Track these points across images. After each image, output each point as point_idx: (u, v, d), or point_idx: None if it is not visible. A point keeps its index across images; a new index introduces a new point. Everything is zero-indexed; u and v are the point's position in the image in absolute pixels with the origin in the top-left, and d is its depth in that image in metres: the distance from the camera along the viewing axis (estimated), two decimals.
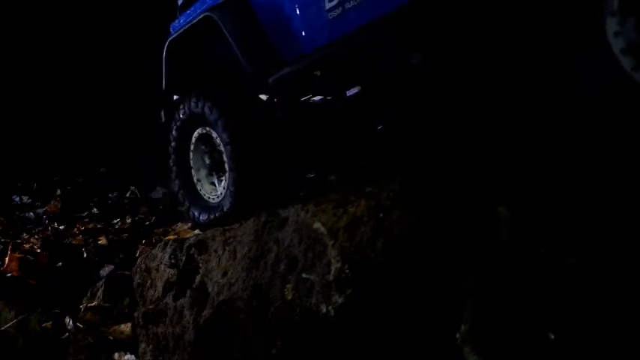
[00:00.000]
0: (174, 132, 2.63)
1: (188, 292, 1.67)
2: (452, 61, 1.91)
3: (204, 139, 2.51)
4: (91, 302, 2.24)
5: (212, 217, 2.44)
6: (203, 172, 2.57)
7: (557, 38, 1.53)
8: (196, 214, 2.57)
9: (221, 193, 2.46)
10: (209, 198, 2.55)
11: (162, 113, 2.84)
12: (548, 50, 1.58)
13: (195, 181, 2.59)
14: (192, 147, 2.58)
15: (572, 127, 1.55)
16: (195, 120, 2.50)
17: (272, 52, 2.30)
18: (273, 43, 2.31)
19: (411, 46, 1.92)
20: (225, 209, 2.36)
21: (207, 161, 2.56)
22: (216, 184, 2.53)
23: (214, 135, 2.41)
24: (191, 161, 2.59)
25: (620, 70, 1.39)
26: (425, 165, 1.69)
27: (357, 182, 1.55)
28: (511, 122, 1.80)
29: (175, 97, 2.74)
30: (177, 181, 2.68)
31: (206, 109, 2.40)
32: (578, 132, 1.51)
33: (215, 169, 2.54)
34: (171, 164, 2.68)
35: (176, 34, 2.60)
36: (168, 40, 2.64)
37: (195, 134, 2.54)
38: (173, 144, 2.65)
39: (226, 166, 2.35)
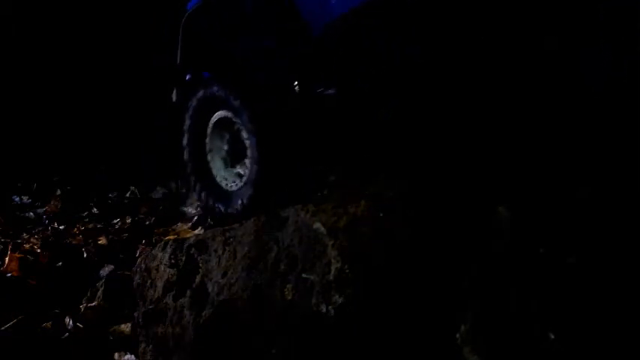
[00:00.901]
0: (190, 112, 2.50)
1: (188, 292, 1.67)
2: (453, 57, 1.91)
3: (224, 122, 2.39)
4: (91, 302, 2.24)
5: (229, 205, 2.33)
6: (220, 157, 2.46)
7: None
8: (210, 201, 2.45)
9: (240, 181, 2.34)
10: (226, 185, 2.43)
11: (175, 92, 2.73)
12: (550, 46, 1.59)
13: (210, 165, 2.47)
14: (209, 129, 2.45)
15: (573, 126, 1.55)
16: (216, 102, 2.37)
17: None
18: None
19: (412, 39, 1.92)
20: (244, 199, 2.27)
21: (226, 146, 2.44)
22: (235, 171, 2.42)
23: (236, 120, 2.30)
24: (207, 144, 2.47)
25: None
26: (425, 165, 1.70)
27: (357, 182, 1.55)
28: (512, 121, 1.80)
29: (189, 76, 2.64)
30: (189, 165, 2.54)
31: (230, 95, 2.28)
32: (579, 130, 1.51)
33: (234, 155, 2.42)
34: (185, 145, 2.54)
35: (195, 6, 2.49)
36: (187, 14, 2.52)
37: (215, 117, 2.41)
38: (188, 124, 2.51)
39: (249, 153, 2.25)
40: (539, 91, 1.68)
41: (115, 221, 3.99)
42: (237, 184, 2.37)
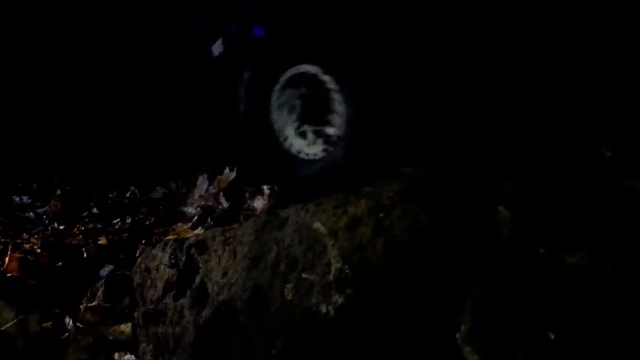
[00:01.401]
0: (249, 68, 2.21)
1: (188, 292, 1.67)
2: (455, 56, 1.88)
3: (302, 80, 2.11)
4: (91, 302, 2.24)
5: (302, 175, 2.09)
6: (290, 120, 2.18)
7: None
8: (275, 168, 2.20)
9: (321, 149, 2.09)
10: (300, 152, 2.16)
11: (220, 42, 2.39)
12: (551, 46, 1.58)
13: (276, 129, 2.19)
14: (278, 88, 2.17)
15: (573, 123, 1.55)
16: (292, 56, 2.10)
17: None
18: None
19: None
20: (326, 168, 2.04)
21: (299, 107, 2.16)
22: (312, 136, 2.16)
23: (325, 79, 2.02)
24: (274, 107, 2.18)
25: None
26: (425, 164, 1.69)
27: (357, 182, 1.55)
28: (512, 119, 1.80)
29: (234, 28, 2.32)
30: (246, 128, 2.25)
31: (322, 47, 1.98)
32: (580, 128, 1.51)
33: (313, 119, 2.14)
34: (243, 104, 2.21)
35: None
36: None
37: (289, 73, 2.13)
38: (248, 83, 2.22)
39: (339, 118, 1.99)
40: (540, 90, 1.68)
41: (115, 221, 3.98)
42: (316, 153, 2.11)
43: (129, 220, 3.96)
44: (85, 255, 2.96)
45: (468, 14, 1.79)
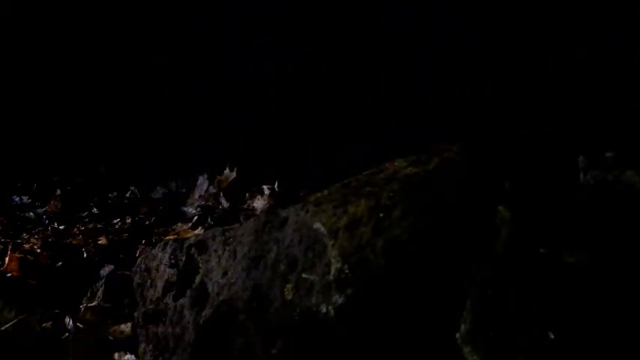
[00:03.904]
0: None
1: (188, 292, 1.67)
2: None
3: None
4: (91, 302, 2.24)
5: None
6: None
7: None
8: None
9: None
10: None
11: None
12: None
13: None
14: None
15: (571, 124, 1.55)
16: None
17: None
18: None
19: None
20: None
21: None
22: None
23: None
24: None
25: None
26: (425, 164, 1.69)
27: (357, 181, 1.55)
28: (510, 114, 1.79)
29: None
30: None
31: None
32: (577, 129, 1.51)
33: None
34: None
35: None
36: None
37: None
38: None
39: None
40: (543, 87, 1.67)
41: (115, 221, 3.99)
42: None
43: (129, 220, 3.97)
44: (85, 255, 2.96)
45: None
